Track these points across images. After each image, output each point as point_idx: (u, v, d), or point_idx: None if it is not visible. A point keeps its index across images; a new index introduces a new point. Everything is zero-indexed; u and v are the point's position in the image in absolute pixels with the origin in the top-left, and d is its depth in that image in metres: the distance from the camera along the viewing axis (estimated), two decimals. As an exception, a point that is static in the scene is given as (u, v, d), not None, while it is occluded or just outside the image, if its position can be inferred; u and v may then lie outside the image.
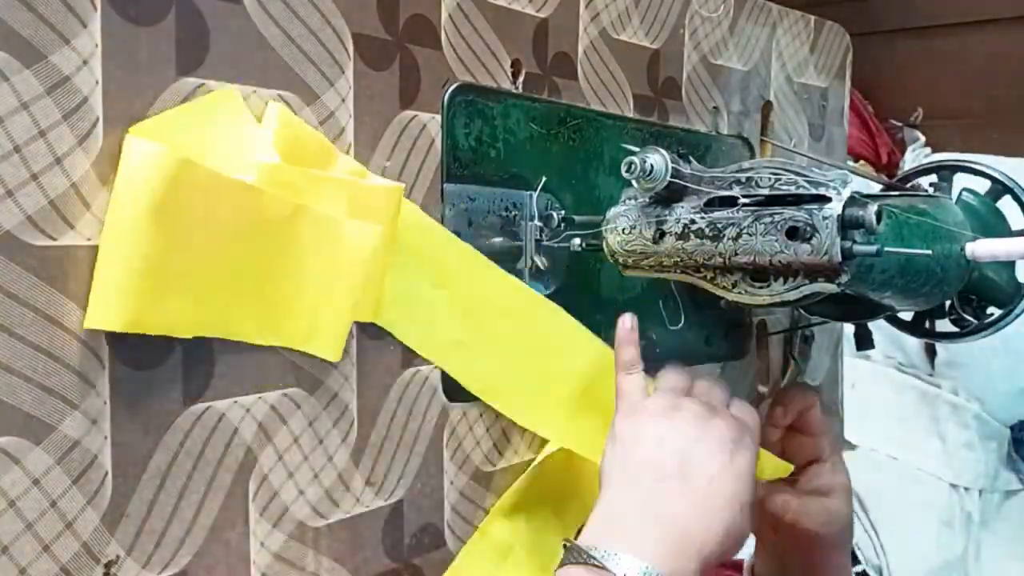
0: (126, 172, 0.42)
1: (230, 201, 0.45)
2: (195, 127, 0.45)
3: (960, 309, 0.65)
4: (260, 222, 0.47)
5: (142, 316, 0.42)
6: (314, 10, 0.51)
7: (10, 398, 0.39)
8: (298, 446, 0.51)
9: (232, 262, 0.46)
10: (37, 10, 0.39)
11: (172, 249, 0.42)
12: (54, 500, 0.40)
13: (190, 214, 0.43)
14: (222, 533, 0.47)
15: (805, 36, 0.93)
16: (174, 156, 0.42)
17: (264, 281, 0.47)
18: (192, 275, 0.44)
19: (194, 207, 0.43)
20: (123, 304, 0.41)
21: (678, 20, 0.77)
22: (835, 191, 0.49)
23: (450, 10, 0.58)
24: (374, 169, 0.54)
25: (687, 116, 0.79)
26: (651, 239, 0.56)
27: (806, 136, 0.95)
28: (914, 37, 1.96)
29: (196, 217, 0.43)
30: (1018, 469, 1.71)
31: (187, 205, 0.43)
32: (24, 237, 0.39)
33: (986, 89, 1.88)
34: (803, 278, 0.50)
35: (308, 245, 0.49)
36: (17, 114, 0.39)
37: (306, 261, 0.49)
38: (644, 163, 0.53)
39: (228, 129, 0.47)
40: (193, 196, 0.43)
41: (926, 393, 1.69)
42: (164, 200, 0.41)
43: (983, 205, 0.67)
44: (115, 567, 0.43)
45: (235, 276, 0.46)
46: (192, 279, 0.44)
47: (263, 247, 0.47)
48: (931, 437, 1.67)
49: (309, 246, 0.49)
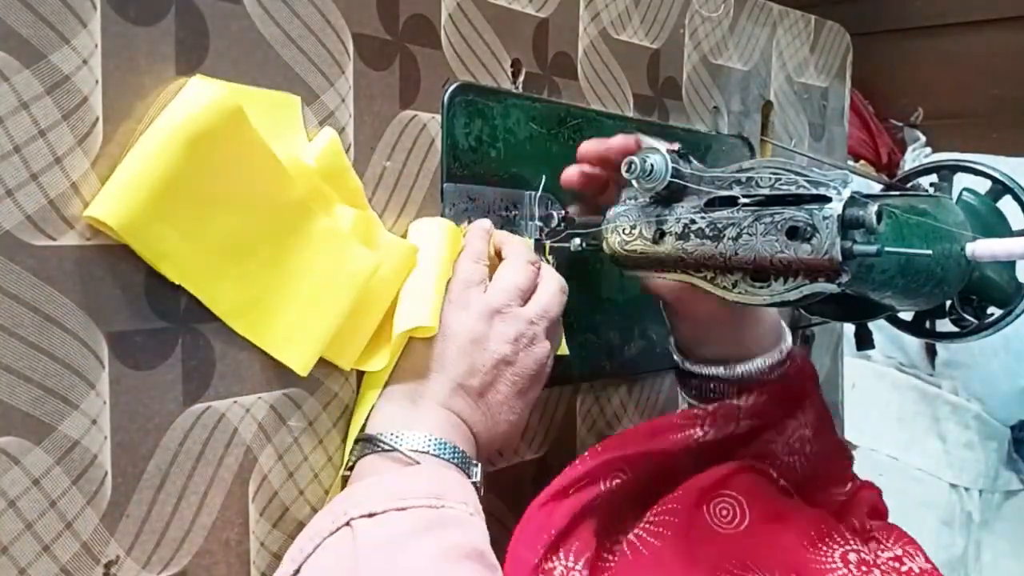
0: (181, 97, 0.43)
1: (261, 170, 0.46)
2: (252, 105, 0.46)
3: (960, 309, 0.65)
4: (278, 207, 0.47)
5: (139, 228, 0.42)
6: (314, 10, 0.51)
7: (10, 398, 0.39)
8: (298, 446, 0.51)
9: (240, 232, 0.46)
10: (37, 10, 0.39)
11: (192, 184, 0.43)
12: (54, 500, 0.40)
13: (223, 160, 0.44)
14: (222, 533, 0.47)
15: (805, 36, 0.93)
16: (233, 100, 0.43)
17: (261, 269, 0.47)
18: (200, 221, 0.44)
19: (228, 156, 0.44)
20: (128, 207, 0.41)
21: (678, 20, 0.77)
22: (835, 191, 0.49)
23: (450, 10, 0.58)
24: (374, 168, 0.54)
25: (687, 116, 0.79)
26: (651, 239, 0.56)
27: (806, 136, 0.94)
28: (914, 37, 1.96)
29: (226, 167, 0.44)
30: (1018, 469, 1.71)
31: (223, 150, 0.43)
32: (24, 237, 0.39)
33: (986, 89, 1.88)
34: (803, 278, 0.50)
35: (312, 252, 0.49)
36: (17, 114, 0.39)
37: (306, 268, 0.49)
38: (644, 163, 0.53)
39: (279, 124, 0.48)
40: (232, 145, 0.44)
41: (926, 393, 1.69)
42: (206, 132, 0.42)
43: (983, 205, 0.67)
44: (115, 567, 0.43)
45: (237, 248, 0.46)
46: (199, 225, 0.44)
47: (272, 234, 0.47)
48: (931, 437, 1.67)
49: (313, 254, 0.49)
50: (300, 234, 0.48)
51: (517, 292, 0.55)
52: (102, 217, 0.41)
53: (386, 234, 0.54)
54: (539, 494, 0.53)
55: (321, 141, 0.50)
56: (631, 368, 0.73)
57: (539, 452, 0.66)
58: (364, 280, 0.50)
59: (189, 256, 0.44)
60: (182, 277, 0.44)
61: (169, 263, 0.44)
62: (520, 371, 0.54)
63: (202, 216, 0.44)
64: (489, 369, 0.53)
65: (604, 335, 0.71)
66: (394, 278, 0.53)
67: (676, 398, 0.79)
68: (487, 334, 0.54)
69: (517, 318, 0.55)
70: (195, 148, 0.42)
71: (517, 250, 0.58)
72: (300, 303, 0.48)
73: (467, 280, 0.55)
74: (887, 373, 1.73)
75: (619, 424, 0.73)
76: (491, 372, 0.53)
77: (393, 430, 0.51)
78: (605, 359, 0.71)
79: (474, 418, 0.53)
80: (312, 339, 0.49)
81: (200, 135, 0.42)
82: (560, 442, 0.68)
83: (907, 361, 1.76)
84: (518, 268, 0.57)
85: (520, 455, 0.65)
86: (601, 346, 0.70)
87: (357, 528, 0.44)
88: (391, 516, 0.44)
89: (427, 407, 0.52)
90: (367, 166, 0.54)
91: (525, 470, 0.65)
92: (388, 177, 0.55)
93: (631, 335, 0.73)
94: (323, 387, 0.52)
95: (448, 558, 0.43)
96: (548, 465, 0.67)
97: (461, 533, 0.45)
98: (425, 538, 0.43)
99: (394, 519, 0.44)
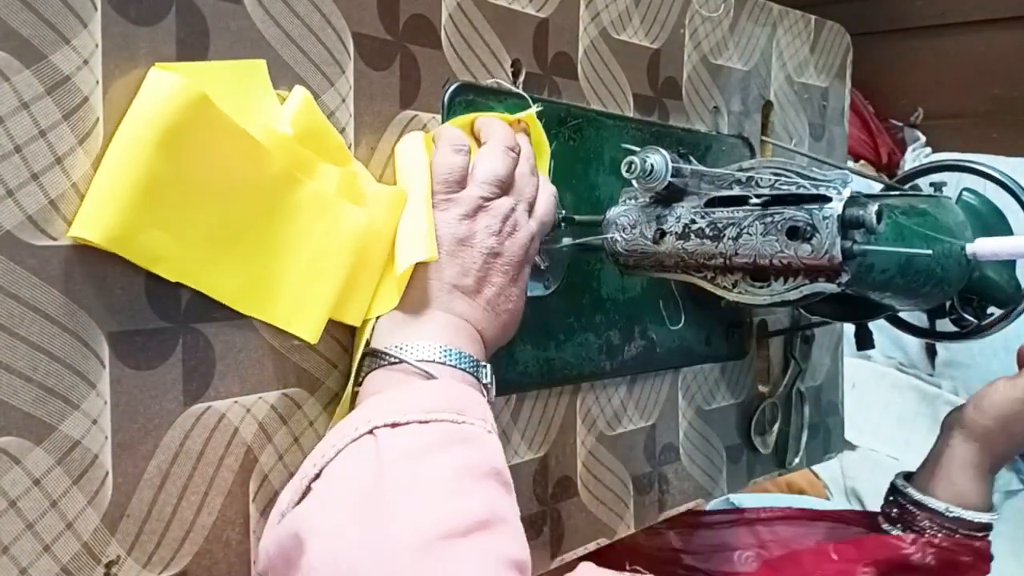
0: (142, 96, 0.42)
1: (236, 151, 0.45)
2: (217, 82, 0.45)
3: (960, 309, 0.65)
4: (261, 183, 0.46)
5: (127, 238, 0.41)
6: (314, 10, 0.51)
7: (10, 398, 0.39)
8: (298, 446, 0.51)
9: (228, 217, 0.45)
10: (37, 10, 0.39)
11: (171, 182, 0.42)
12: (55, 500, 0.40)
13: (196, 151, 0.43)
14: (222, 533, 0.47)
15: (805, 36, 0.93)
16: (194, 88, 0.42)
17: (256, 248, 0.47)
18: (186, 216, 0.43)
19: (201, 145, 0.43)
20: (111, 220, 0.41)
21: (678, 20, 0.77)
22: (835, 191, 0.49)
23: (450, 10, 0.58)
24: (375, 168, 0.54)
25: (687, 116, 0.79)
26: (651, 239, 0.56)
27: (806, 136, 0.95)
28: (914, 37, 1.96)
29: (201, 156, 0.43)
30: (1018, 469, 1.71)
31: (195, 141, 0.43)
32: (24, 237, 0.39)
33: (986, 89, 1.88)
34: (803, 278, 0.50)
35: (304, 221, 0.48)
36: (17, 114, 0.39)
37: (300, 237, 0.48)
38: (644, 163, 0.53)
39: (248, 94, 0.47)
40: (202, 134, 0.43)
41: (926, 393, 1.69)
42: (174, 127, 0.42)
43: (983, 205, 0.67)
44: (116, 567, 0.43)
45: (228, 233, 0.46)
46: (185, 220, 0.44)
47: (260, 211, 0.47)
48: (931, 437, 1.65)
49: (304, 222, 0.48)
50: (288, 205, 0.48)
51: (497, 182, 0.55)
52: (86, 235, 0.40)
53: (374, 184, 0.53)
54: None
55: (293, 103, 0.49)
56: (631, 368, 0.73)
57: (539, 452, 0.66)
58: (358, 238, 0.50)
59: (182, 253, 0.44)
60: (179, 275, 0.44)
61: (164, 264, 0.43)
62: (509, 259, 0.55)
63: (187, 211, 0.43)
64: (480, 266, 0.54)
65: (604, 335, 0.71)
66: (387, 227, 0.53)
67: (676, 398, 0.79)
68: (473, 231, 0.54)
69: (499, 208, 0.55)
70: (166, 145, 0.42)
71: (495, 134, 0.58)
72: (300, 272, 0.48)
73: (446, 180, 0.54)
74: (887, 373, 1.73)
75: (619, 424, 0.73)
76: (482, 268, 0.54)
77: (397, 342, 0.51)
78: (605, 359, 0.71)
79: (476, 316, 0.54)
80: (317, 305, 0.49)
81: (169, 132, 0.42)
82: (560, 442, 0.68)
83: (907, 361, 1.76)
84: (495, 156, 0.56)
85: (520, 455, 0.65)
86: (601, 346, 0.70)
87: (380, 437, 0.44)
88: (414, 427, 0.45)
89: (428, 316, 0.53)
90: (368, 166, 0.54)
91: (525, 470, 0.65)
92: (388, 177, 0.55)
93: (631, 335, 0.73)
94: (323, 387, 0.52)
95: (471, 474, 0.43)
96: (548, 465, 0.67)
97: (481, 450, 0.45)
98: (448, 452, 0.44)
99: (417, 430, 0.45)
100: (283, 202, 0.48)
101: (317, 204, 0.49)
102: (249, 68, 0.47)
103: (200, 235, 0.44)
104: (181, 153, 0.42)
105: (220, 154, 0.44)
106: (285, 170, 0.48)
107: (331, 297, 0.49)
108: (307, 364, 0.51)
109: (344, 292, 0.50)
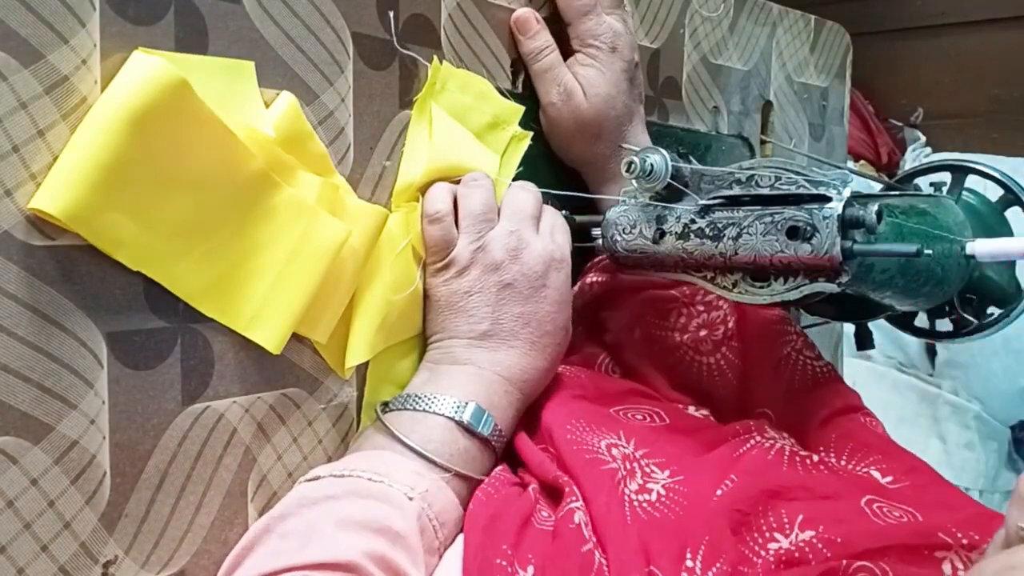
0: (121, 75, 0.41)
1: (214, 144, 0.43)
2: (202, 76, 0.44)
3: (960, 309, 0.65)
4: (237, 180, 0.45)
5: (87, 218, 0.40)
6: (314, 10, 0.50)
7: (8, 398, 0.39)
8: (297, 446, 0.51)
9: (198, 211, 0.44)
10: (36, 10, 0.39)
11: (140, 165, 0.41)
12: (52, 500, 0.40)
13: (170, 137, 0.41)
14: (221, 533, 0.47)
15: (805, 36, 0.93)
16: (174, 72, 0.41)
17: (225, 246, 0.45)
18: (153, 203, 0.42)
19: (176, 132, 0.41)
20: (73, 196, 0.39)
21: (678, 20, 0.77)
22: (835, 191, 0.49)
23: (450, 10, 0.58)
24: (374, 168, 0.54)
25: (687, 116, 0.79)
26: (651, 239, 0.56)
27: (806, 136, 0.94)
28: (914, 37, 1.96)
29: (175, 144, 0.42)
30: (1018, 469, 1.71)
31: (170, 126, 0.41)
32: (23, 237, 0.39)
33: (986, 89, 1.88)
34: (803, 278, 0.50)
35: (278, 225, 0.47)
36: (16, 114, 0.39)
37: (272, 241, 0.47)
38: (644, 163, 0.53)
39: (232, 92, 0.46)
40: (179, 120, 0.41)
41: (926, 393, 1.69)
42: (149, 109, 0.40)
43: (984, 205, 0.66)
44: (113, 567, 0.43)
45: (197, 227, 0.44)
46: (152, 208, 0.42)
47: (233, 209, 0.45)
48: (931, 437, 1.67)
49: (279, 226, 0.47)
50: (263, 207, 0.46)
51: (476, 219, 0.55)
52: (45, 208, 0.39)
53: (355, 200, 0.52)
54: None
55: (279, 107, 0.48)
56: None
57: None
58: (334, 251, 0.48)
59: (146, 241, 0.42)
60: (140, 263, 0.42)
61: (125, 251, 0.42)
62: (524, 283, 0.55)
63: (155, 198, 0.42)
64: (494, 306, 0.55)
65: (604, 335, 0.70)
66: (365, 244, 0.52)
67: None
68: (472, 278, 0.55)
69: (494, 240, 0.55)
70: (139, 127, 0.40)
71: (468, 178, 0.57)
72: (268, 279, 0.47)
73: (432, 250, 0.56)
74: (887, 373, 1.73)
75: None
76: (496, 306, 0.55)
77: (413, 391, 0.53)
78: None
79: (496, 359, 0.54)
80: (282, 315, 0.47)
81: (143, 112, 0.40)
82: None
83: (907, 361, 1.76)
84: (466, 196, 0.56)
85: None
86: (601, 346, 0.70)
87: (299, 485, 0.48)
88: (328, 480, 0.47)
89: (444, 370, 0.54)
90: (367, 166, 0.54)
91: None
92: (388, 177, 0.55)
93: (631, 335, 0.73)
94: (323, 387, 0.52)
95: (344, 524, 0.44)
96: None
97: (378, 507, 0.45)
98: (338, 502, 0.45)
99: (327, 483, 0.47)
100: (258, 203, 0.46)
101: (294, 209, 0.47)
102: (237, 67, 0.46)
103: (167, 226, 0.43)
104: (154, 137, 0.41)
105: (196, 144, 0.43)
106: (263, 171, 0.46)
107: (299, 307, 0.47)
108: (306, 364, 0.51)
109: (313, 305, 0.48)
